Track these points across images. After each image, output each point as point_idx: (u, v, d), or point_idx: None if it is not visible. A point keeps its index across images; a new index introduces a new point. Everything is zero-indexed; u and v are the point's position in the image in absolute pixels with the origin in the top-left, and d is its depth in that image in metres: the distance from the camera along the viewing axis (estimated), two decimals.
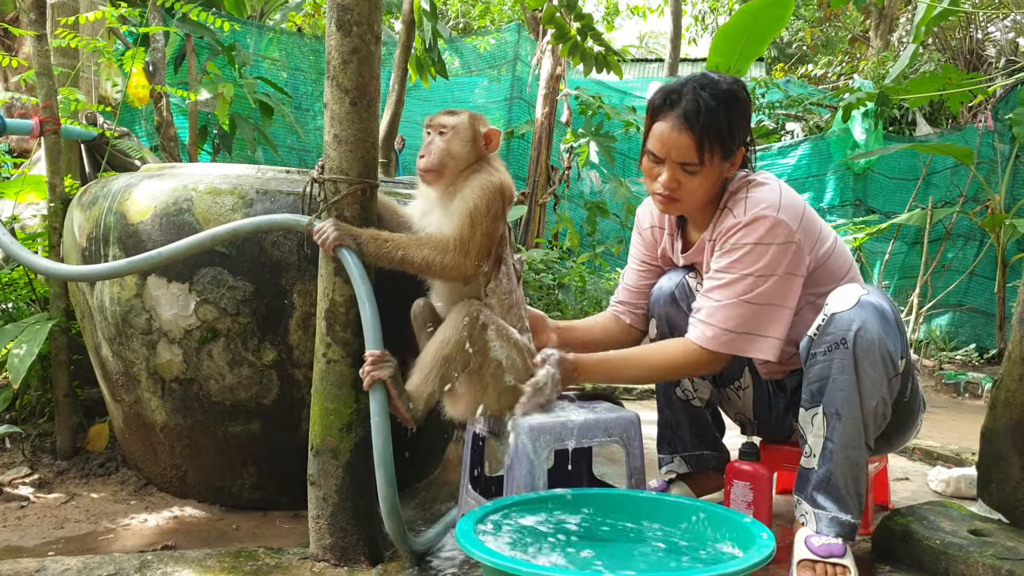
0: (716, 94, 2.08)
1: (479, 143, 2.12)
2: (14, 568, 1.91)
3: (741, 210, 2.10)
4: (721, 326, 2.06)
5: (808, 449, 2.04)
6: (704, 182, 2.12)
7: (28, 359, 2.56)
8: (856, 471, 1.99)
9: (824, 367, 1.98)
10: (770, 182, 2.15)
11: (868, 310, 1.96)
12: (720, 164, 2.12)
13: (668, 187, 2.14)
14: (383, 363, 1.96)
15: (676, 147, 2.09)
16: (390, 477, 1.96)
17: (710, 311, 2.09)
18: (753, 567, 1.54)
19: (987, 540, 2.04)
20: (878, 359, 1.94)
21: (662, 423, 2.52)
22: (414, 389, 2.01)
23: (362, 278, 1.96)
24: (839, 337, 1.95)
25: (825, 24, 16.31)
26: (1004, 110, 8.44)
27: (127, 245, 2.35)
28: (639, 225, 2.51)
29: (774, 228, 2.05)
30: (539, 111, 7.39)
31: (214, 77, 5.89)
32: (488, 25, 15.51)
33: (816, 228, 2.16)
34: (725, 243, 2.11)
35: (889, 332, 1.95)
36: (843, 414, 1.96)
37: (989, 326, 8.24)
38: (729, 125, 2.08)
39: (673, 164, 2.11)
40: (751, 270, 2.05)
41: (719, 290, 2.09)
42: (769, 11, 7.27)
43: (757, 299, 2.05)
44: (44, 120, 2.78)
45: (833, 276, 2.20)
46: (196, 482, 2.55)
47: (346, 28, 1.96)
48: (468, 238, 1.99)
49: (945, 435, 4.28)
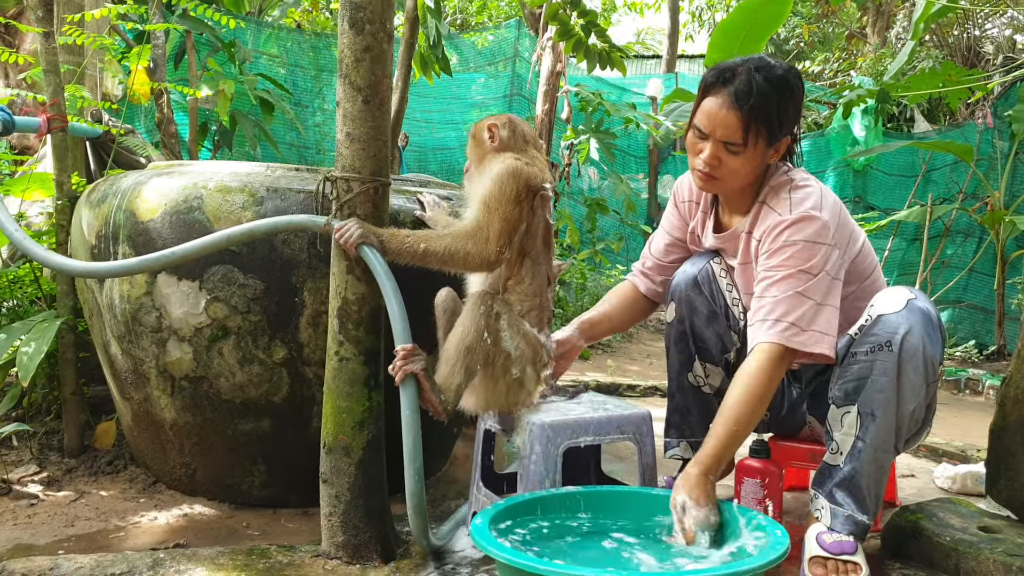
0: (770, 78, 2.06)
1: (483, 142, 2.22)
2: (27, 566, 1.91)
3: (786, 208, 2.09)
4: (787, 319, 2.03)
5: (835, 446, 2.04)
6: (745, 164, 2.10)
7: (37, 357, 2.56)
8: (880, 474, 2.00)
9: (865, 367, 1.98)
10: (811, 183, 2.15)
11: (917, 315, 1.96)
12: (764, 149, 2.10)
13: (709, 163, 2.12)
14: (414, 357, 1.97)
15: (722, 125, 2.07)
16: (419, 472, 1.96)
17: (771, 307, 2.05)
18: (769, 564, 1.55)
19: (997, 537, 2.05)
20: (920, 365, 1.94)
21: (672, 408, 2.51)
22: (443, 381, 2.03)
23: (387, 275, 1.97)
24: (884, 339, 1.95)
25: (822, 21, 16.29)
26: (1003, 107, 8.46)
27: (137, 243, 2.35)
28: (677, 196, 2.48)
29: (820, 229, 2.04)
30: (539, 108, 7.37)
31: (214, 74, 5.88)
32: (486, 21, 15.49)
33: (849, 229, 2.16)
34: (773, 241, 2.09)
35: (934, 339, 1.96)
36: (878, 416, 1.96)
37: (988, 323, 8.27)
38: (778, 111, 2.06)
39: (717, 142, 2.09)
40: (804, 267, 2.03)
41: (774, 286, 2.06)
42: (767, 7, 7.26)
43: (810, 294, 2.03)
44: (51, 118, 2.77)
45: (860, 276, 2.20)
46: (205, 480, 2.56)
47: (359, 26, 1.96)
48: (486, 224, 2.01)
49: (948, 432, 4.30)
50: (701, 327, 2.37)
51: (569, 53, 5.45)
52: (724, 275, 2.34)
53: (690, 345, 2.39)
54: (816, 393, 2.33)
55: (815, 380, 2.33)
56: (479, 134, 2.23)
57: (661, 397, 4.54)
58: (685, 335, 2.39)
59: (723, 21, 6.45)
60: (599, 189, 9.56)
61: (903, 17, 13.99)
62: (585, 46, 5.20)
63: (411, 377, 1.97)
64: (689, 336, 2.38)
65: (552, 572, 1.47)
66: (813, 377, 2.33)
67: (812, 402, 2.36)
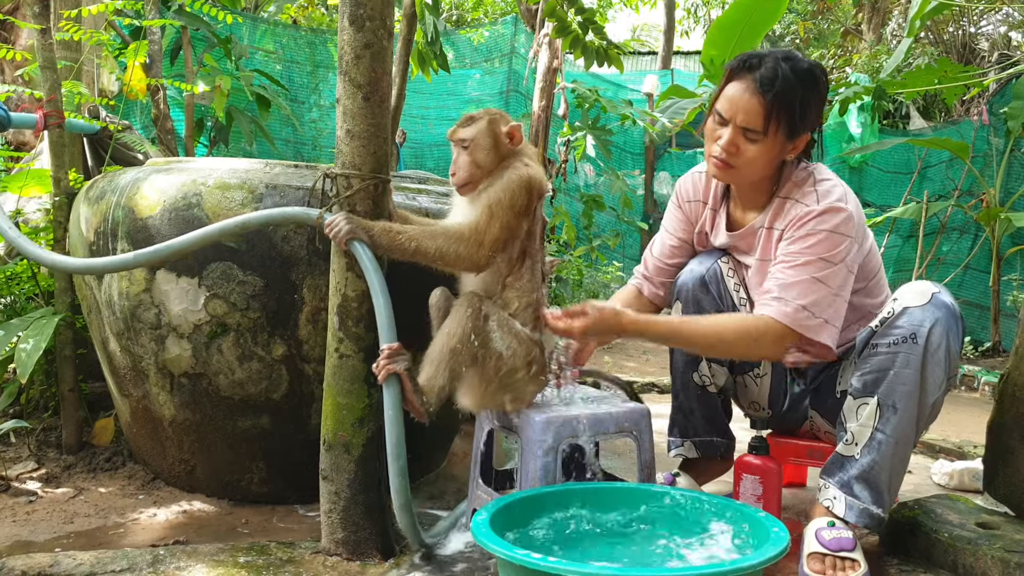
0: (797, 69, 2.06)
1: (502, 143, 2.09)
2: (27, 563, 1.91)
3: (813, 200, 2.09)
4: (797, 301, 2.03)
5: (849, 437, 2.04)
6: (763, 154, 2.10)
7: (35, 354, 2.55)
8: (901, 467, 2.01)
9: (887, 359, 1.98)
10: (832, 177, 2.16)
11: (942, 310, 1.97)
12: (783, 141, 2.10)
13: (726, 150, 2.11)
14: (398, 356, 1.97)
15: (744, 110, 2.07)
16: (403, 470, 1.97)
17: (783, 286, 2.06)
18: (768, 561, 1.55)
19: (995, 533, 2.06)
20: (942, 359, 1.95)
21: (675, 408, 2.51)
22: (425, 383, 2.02)
23: (375, 271, 1.96)
24: (909, 332, 1.95)
25: (818, 17, 16.30)
26: (999, 104, 8.47)
27: (136, 240, 2.34)
28: (679, 197, 2.47)
29: (846, 221, 2.05)
30: (536, 104, 7.37)
31: (211, 69, 5.86)
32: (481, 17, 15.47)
33: (864, 227, 2.17)
34: (799, 230, 2.09)
35: (956, 334, 1.97)
36: (900, 408, 1.97)
37: (984, 319, 8.28)
38: (801, 103, 2.07)
39: (736, 128, 2.09)
40: (826, 255, 2.04)
41: (791, 269, 2.06)
42: (763, 4, 7.25)
43: (827, 281, 2.03)
44: (48, 114, 2.76)
45: (867, 274, 2.21)
46: (204, 477, 2.55)
47: (359, 23, 1.95)
48: (484, 229, 1.99)
49: (944, 428, 4.30)
50: None
51: (567, 50, 5.45)
52: (732, 275, 2.33)
53: None
54: (819, 388, 2.33)
55: (820, 375, 2.33)
56: (496, 137, 2.09)
57: (659, 393, 4.54)
58: None
59: (719, 17, 6.44)
60: (595, 186, 9.55)
61: (899, 14, 14.02)
62: (583, 43, 5.20)
63: (394, 376, 1.97)
64: None
65: (551, 568, 1.48)
66: (817, 374, 2.33)
67: (815, 396, 2.35)
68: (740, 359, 2.35)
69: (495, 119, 2.11)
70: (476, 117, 2.11)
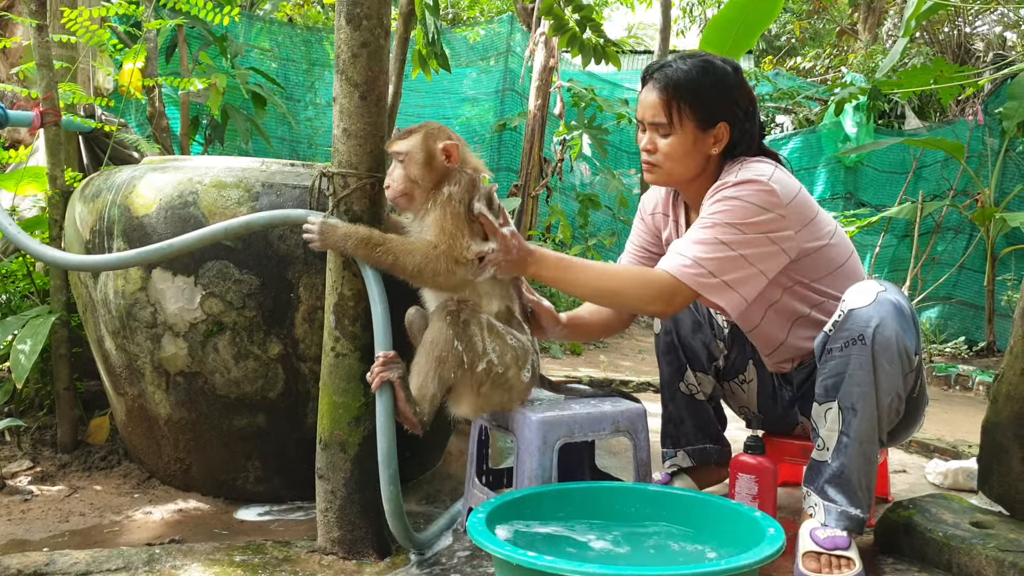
0: (695, 64, 2.13)
1: (438, 160, 2.02)
2: (23, 562, 1.91)
3: (733, 176, 2.08)
4: (696, 257, 1.99)
5: (821, 442, 2.05)
6: (677, 146, 2.13)
7: (32, 357, 2.55)
8: (869, 466, 2.01)
9: (841, 363, 1.99)
10: (765, 163, 2.13)
11: (886, 307, 1.96)
12: (694, 131, 2.12)
13: (646, 149, 2.17)
14: (392, 364, 1.97)
15: (649, 107, 2.14)
16: (394, 477, 1.98)
17: (686, 244, 2.04)
18: (763, 561, 1.56)
19: (989, 532, 2.07)
20: (895, 356, 1.95)
21: (666, 418, 2.53)
22: (416, 392, 2.00)
23: (375, 277, 1.97)
24: (857, 333, 1.96)
25: (814, 17, 16.31)
26: (994, 104, 8.49)
27: (132, 238, 2.34)
28: (643, 210, 2.49)
29: (761, 191, 2.02)
30: (532, 103, 7.38)
31: (206, 67, 5.85)
32: (477, 16, 15.45)
33: (810, 214, 2.12)
34: (712, 197, 2.08)
35: (906, 329, 1.96)
36: (859, 409, 1.97)
37: (978, 319, 8.31)
38: (702, 91, 2.10)
39: (650, 127, 2.16)
40: (732, 220, 2.01)
41: (697, 231, 2.05)
42: (759, 3, 7.25)
43: (733, 246, 2.00)
44: (45, 112, 2.76)
45: (828, 266, 2.18)
46: (200, 475, 2.55)
47: (356, 21, 1.95)
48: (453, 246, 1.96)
49: (938, 427, 4.32)
50: (687, 337, 2.41)
51: (564, 48, 5.45)
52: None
53: (680, 355, 2.43)
54: (805, 396, 2.34)
55: (805, 383, 2.34)
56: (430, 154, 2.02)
57: (655, 392, 4.55)
58: (674, 346, 2.44)
59: (715, 17, 6.43)
60: (591, 185, 9.54)
61: (894, 14, 14.04)
62: (580, 40, 5.20)
63: (387, 384, 1.97)
64: (677, 347, 2.43)
65: (549, 567, 1.48)
66: (804, 380, 2.33)
67: (803, 404, 2.36)
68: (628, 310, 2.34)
69: (431, 133, 2.05)
70: (413, 131, 2.05)
